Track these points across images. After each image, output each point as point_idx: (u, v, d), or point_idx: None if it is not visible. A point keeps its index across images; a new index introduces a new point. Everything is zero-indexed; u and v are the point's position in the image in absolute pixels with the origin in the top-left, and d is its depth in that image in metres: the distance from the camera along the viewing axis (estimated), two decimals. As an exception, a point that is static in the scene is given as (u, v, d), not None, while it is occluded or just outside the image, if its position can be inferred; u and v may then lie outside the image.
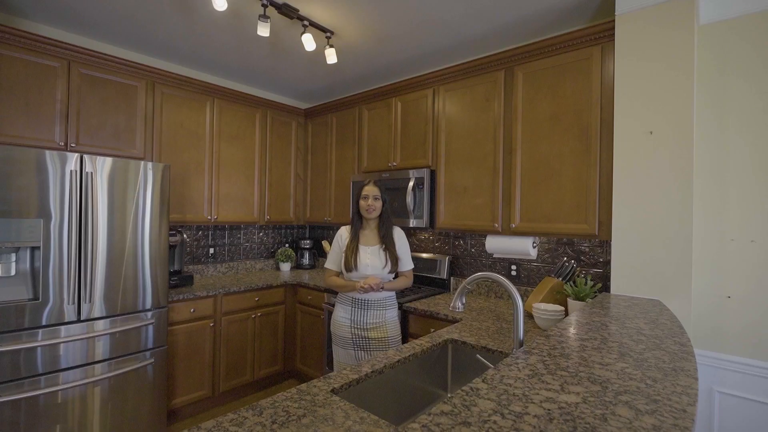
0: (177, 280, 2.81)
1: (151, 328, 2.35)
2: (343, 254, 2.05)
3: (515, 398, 0.78)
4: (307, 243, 3.88)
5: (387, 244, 2.07)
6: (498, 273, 2.70)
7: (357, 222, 2.11)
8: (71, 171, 2.05)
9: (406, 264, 2.14)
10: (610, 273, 2.24)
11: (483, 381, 0.86)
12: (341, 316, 2.06)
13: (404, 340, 2.33)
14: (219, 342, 2.82)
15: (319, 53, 2.79)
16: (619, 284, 1.92)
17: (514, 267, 2.64)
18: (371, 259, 2.03)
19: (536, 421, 0.69)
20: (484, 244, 2.80)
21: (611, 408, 0.74)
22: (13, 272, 1.93)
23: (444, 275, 2.88)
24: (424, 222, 2.69)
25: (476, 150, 2.52)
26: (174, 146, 2.87)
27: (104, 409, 2.17)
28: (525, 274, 2.60)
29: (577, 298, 2.00)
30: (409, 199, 2.72)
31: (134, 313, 2.28)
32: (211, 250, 3.39)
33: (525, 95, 2.32)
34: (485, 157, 2.48)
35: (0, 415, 1.85)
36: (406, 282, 2.14)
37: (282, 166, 3.61)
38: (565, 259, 2.36)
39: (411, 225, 2.75)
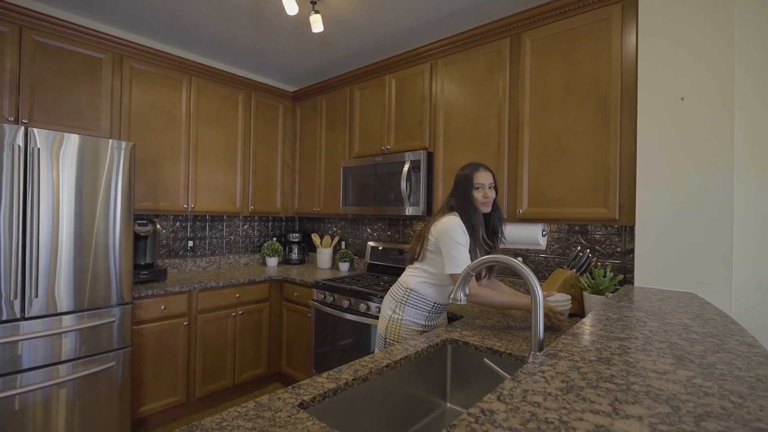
0: (148, 274, 2.54)
1: (113, 326, 2.09)
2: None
3: (550, 428, 0.52)
4: (296, 236, 3.61)
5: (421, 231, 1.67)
6: (501, 268, 2.44)
7: (475, 218, 1.59)
8: (13, 145, 1.78)
9: (444, 262, 1.58)
10: (629, 264, 1.98)
11: (499, 399, 0.60)
12: (416, 322, 1.66)
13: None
14: (194, 342, 2.55)
15: (304, 23, 2.53)
16: (644, 275, 1.66)
17: (520, 259, 2.38)
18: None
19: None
20: (486, 235, 2.54)
21: (699, 444, 0.48)
22: (-59, 262, 1.66)
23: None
24: (420, 210, 2.43)
25: (478, 128, 2.26)
26: (145, 127, 2.60)
27: (68, 419, 1.90)
28: (533, 267, 2.34)
29: (596, 291, 1.74)
30: (404, 185, 2.45)
31: (89, 311, 2.01)
32: (190, 243, 3.12)
33: (533, 65, 2.06)
34: (488, 135, 2.22)
35: (-75, 429, 1.58)
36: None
37: (268, 153, 3.34)
38: (579, 248, 2.10)
39: (407, 213, 2.48)
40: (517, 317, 1.86)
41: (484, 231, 1.64)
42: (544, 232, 2.14)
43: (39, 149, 1.85)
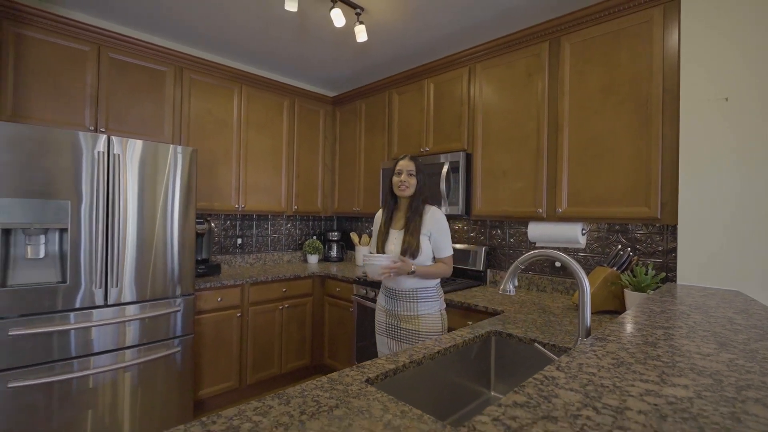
0: (204, 268, 2.75)
1: (178, 315, 2.30)
2: (376, 239, 1.91)
3: (606, 390, 0.61)
4: (335, 235, 3.78)
5: (410, 224, 1.79)
6: (541, 264, 2.50)
7: (390, 202, 1.89)
8: (98, 152, 2.01)
9: (443, 250, 1.82)
10: (671, 263, 2.00)
11: (558, 369, 0.69)
12: (379, 302, 1.92)
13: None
14: (246, 332, 2.74)
15: (348, 33, 2.68)
16: (687, 273, 1.69)
17: (566, 266, 2.42)
18: (394, 244, 1.81)
19: (644, 419, 0.52)
20: (523, 235, 2.60)
21: (740, 406, 0.56)
22: (42, 254, 1.90)
23: (480, 267, 2.70)
24: (459, 209, 2.52)
25: (517, 130, 2.33)
26: (202, 134, 2.82)
27: (133, 395, 2.12)
28: (572, 272, 2.37)
29: (637, 289, 1.78)
30: (443, 185, 2.55)
31: (162, 300, 2.23)
32: (239, 241, 3.34)
33: (573, 67, 2.11)
34: (527, 137, 2.28)
35: (29, 398, 1.82)
36: (442, 269, 1.81)
37: (310, 156, 3.52)
38: (620, 247, 2.13)
39: (446, 213, 2.57)
40: (557, 313, 1.92)
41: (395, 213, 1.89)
42: (583, 231, 2.18)
43: (118, 155, 2.08)
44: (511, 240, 2.68)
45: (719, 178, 1.61)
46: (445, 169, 2.55)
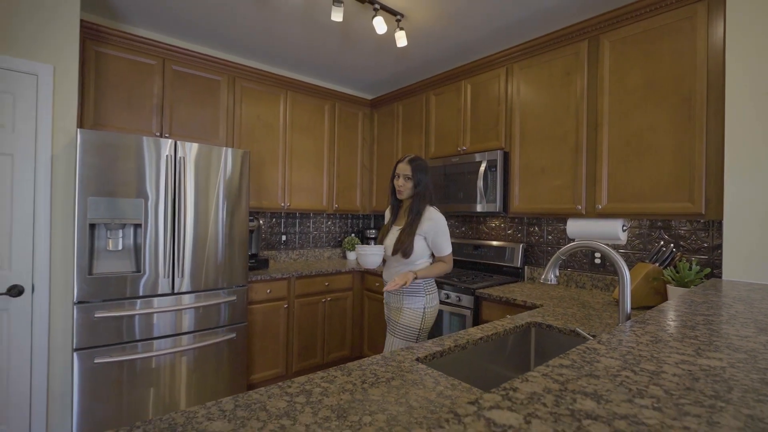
0: (255, 262, 2.96)
1: (233, 304, 2.50)
2: (381, 233, 2.02)
3: (644, 359, 0.69)
4: (372, 232, 3.91)
5: (406, 227, 1.85)
6: (580, 261, 2.51)
7: (393, 201, 1.98)
8: (166, 156, 2.24)
9: (442, 249, 1.87)
10: (716, 260, 1.98)
11: (599, 343, 0.77)
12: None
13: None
14: (292, 323, 2.92)
15: (387, 39, 2.80)
16: (733, 269, 1.68)
17: (598, 254, 2.44)
18: (390, 240, 1.91)
19: (678, 379, 0.60)
20: (561, 231, 2.62)
21: (770, 374, 0.62)
22: (120, 247, 2.15)
23: (518, 264, 2.74)
24: (496, 206, 2.58)
25: (555, 128, 2.37)
26: (251, 137, 3.03)
27: (190, 377, 2.33)
28: (611, 262, 2.38)
29: (680, 284, 1.78)
30: (480, 183, 2.62)
31: (218, 290, 2.44)
32: (283, 237, 3.54)
33: (612, 65, 2.12)
34: (565, 135, 2.31)
35: (108, 374, 2.06)
36: (442, 267, 1.88)
37: (349, 156, 3.68)
38: (662, 243, 2.12)
39: (483, 210, 2.64)
40: (596, 307, 1.95)
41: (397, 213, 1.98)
42: (624, 227, 2.19)
43: (182, 158, 2.30)
44: (549, 237, 2.70)
45: (766, 174, 1.60)
46: (482, 167, 2.62)
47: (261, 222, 3.14)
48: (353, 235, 4.02)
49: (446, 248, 1.88)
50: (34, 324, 2.00)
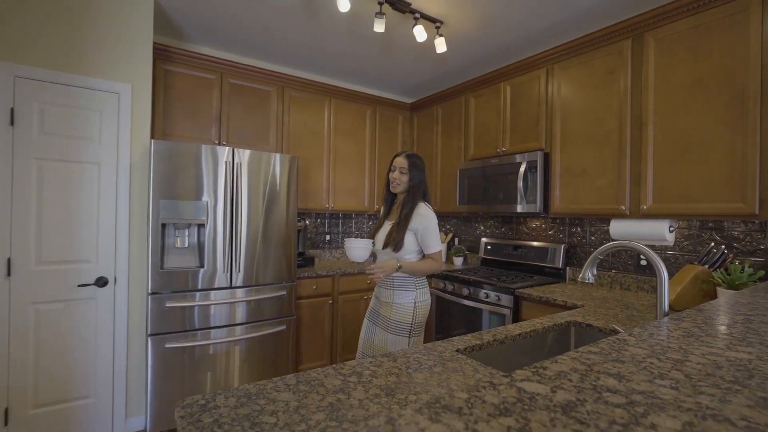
0: (302, 260, 3.15)
1: (282, 299, 2.69)
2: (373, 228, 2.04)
3: (671, 350, 0.74)
4: (412, 233, 4.00)
5: (398, 221, 1.84)
6: (625, 262, 2.48)
7: (387, 196, 1.98)
8: (225, 162, 2.46)
9: (429, 246, 1.84)
10: (775, 262, 1.89)
11: (630, 335, 0.83)
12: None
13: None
14: (336, 318, 3.08)
15: (427, 45, 2.89)
16: (790, 272, 1.62)
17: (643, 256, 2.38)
18: (381, 234, 1.91)
19: (701, 367, 0.65)
20: (605, 232, 2.59)
21: (797, 366, 0.66)
22: (186, 244, 2.39)
23: (559, 264, 2.73)
24: (537, 207, 2.59)
25: (597, 128, 2.35)
26: (298, 142, 3.23)
27: (242, 365, 2.53)
28: (649, 261, 2.32)
29: (731, 287, 1.74)
30: (520, 183, 2.64)
31: (270, 285, 2.64)
32: (327, 237, 3.72)
33: (658, 63, 2.09)
34: (608, 135, 2.29)
35: (172, 357, 2.30)
36: (430, 265, 1.84)
37: (389, 159, 3.79)
38: (713, 244, 2.06)
39: (522, 210, 2.66)
40: (640, 309, 1.94)
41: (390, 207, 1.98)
42: (671, 228, 2.14)
43: (240, 163, 2.51)
44: (592, 238, 2.67)
45: (828, 172, 1.53)
46: (522, 168, 2.64)
47: (307, 222, 3.33)
48: (393, 235, 4.13)
49: (434, 246, 1.84)
50: (116, 311, 2.28)
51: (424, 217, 1.82)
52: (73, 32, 2.15)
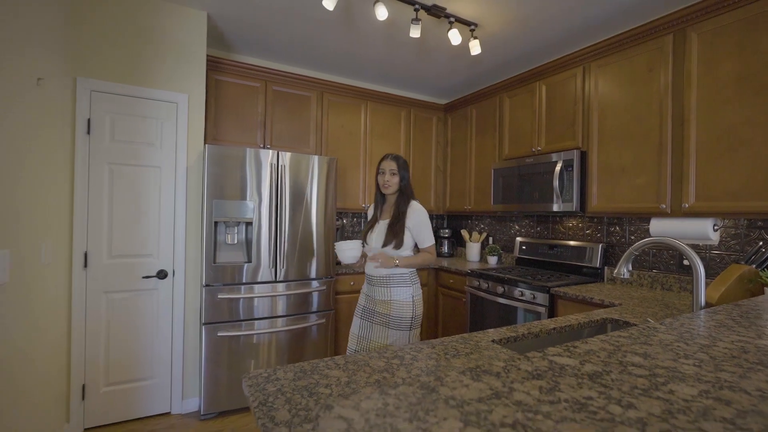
0: (339, 258, 3.28)
1: (322, 293, 2.83)
2: (365, 229, 2.11)
3: (700, 337, 0.78)
4: (446, 232, 4.06)
5: (395, 219, 1.95)
6: (666, 262, 2.43)
7: (378, 197, 2.08)
8: (271, 164, 2.63)
9: (424, 241, 1.98)
10: (830, 262, 1.81)
11: (661, 324, 0.87)
12: (363, 287, 2.09)
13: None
14: (372, 314, 3.19)
15: (462, 47, 2.94)
16: None
17: (677, 250, 2.33)
18: (376, 234, 1.99)
19: (727, 351, 0.69)
20: (645, 232, 2.54)
21: (827, 354, 0.69)
22: (236, 241, 2.58)
23: (597, 264, 2.71)
24: (573, 206, 2.58)
25: (636, 126, 2.32)
26: (337, 144, 3.37)
27: (283, 355, 2.69)
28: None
29: (779, 286, 1.69)
30: (556, 182, 2.64)
31: (311, 280, 2.78)
32: (363, 236, 3.84)
33: (701, 58, 2.05)
34: (647, 132, 2.26)
35: (222, 344, 2.49)
36: (426, 257, 1.98)
37: (423, 159, 3.87)
38: (761, 243, 1.99)
39: (559, 209, 2.66)
40: (681, 309, 1.91)
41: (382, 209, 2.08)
42: (715, 227, 2.09)
43: (284, 165, 2.68)
44: (632, 237, 2.63)
45: None
46: (558, 167, 2.64)
47: (344, 221, 3.47)
48: (427, 234, 4.20)
49: (428, 240, 1.98)
50: (174, 301, 2.50)
51: (419, 214, 1.96)
52: (138, 49, 2.39)
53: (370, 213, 2.16)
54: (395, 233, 1.92)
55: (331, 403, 0.47)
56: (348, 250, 1.90)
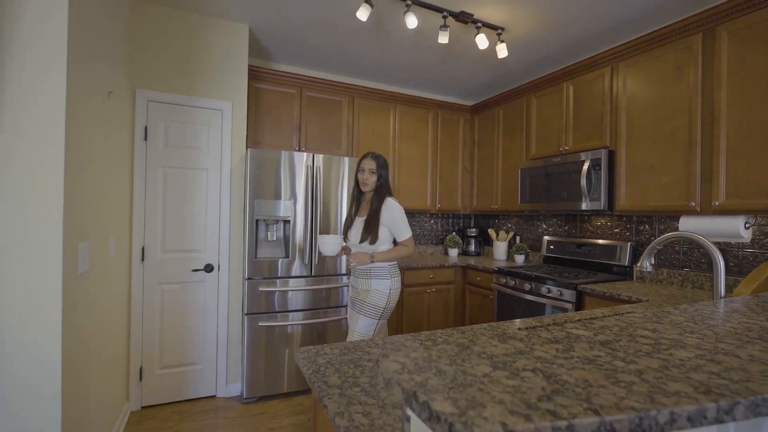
0: (369, 255, 3.42)
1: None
2: (343, 224, 2.25)
3: (710, 319, 0.86)
4: (473, 231, 4.13)
5: (370, 217, 2.07)
6: (698, 260, 2.43)
7: (357, 195, 2.20)
8: (306, 166, 2.80)
9: (401, 234, 2.09)
10: None
11: (675, 309, 0.95)
12: (350, 279, 2.23)
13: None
14: (401, 309, 3.31)
15: (489, 50, 3.02)
16: None
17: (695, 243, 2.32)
18: (354, 231, 2.13)
19: (732, 329, 0.77)
20: (674, 230, 2.54)
21: (828, 333, 0.75)
22: (275, 238, 2.77)
23: (626, 262, 2.72)
24: (601, 204, 2.61)
25: (665, 124, 2.34)
26: (367, 146, 3.52)
27: (320, 343, 2.84)
28: (734, 263, 2.26)
29: (812, 283, 1.69)
30: (584, 182, 2.68)
31: (342, 275, 2.93)
32: (392, 234, 3.97)
33: (731, 56, 2.05)
34: (676, 130, 2.28)
35: (261, 333, 2.67)
36: (402, 250, 2.09)
37: (450, 160, 3.96)
38: (795, 241, 1.98)
39: (586, 208, 2.70)
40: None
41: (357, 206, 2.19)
42: (747, 225, 2.09)
43: (318, 167, 2.84)
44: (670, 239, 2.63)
45: None
46: (585, 166, 2.68)
47: (374, 220, 3.60)
48: (454, 233, 4.28)
49: (404, 233, 2.09)
50: (219, 293, 2.71)
51: (393, 210, 2.08)
52: (188, 61, 2.61)
53: (348, 208, 2.29)
54: (370, 229, 2.05)
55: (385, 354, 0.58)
56: (329, 244, 2.05)
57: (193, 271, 2.64)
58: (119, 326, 2.28)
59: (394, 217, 2.08)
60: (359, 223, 2.12)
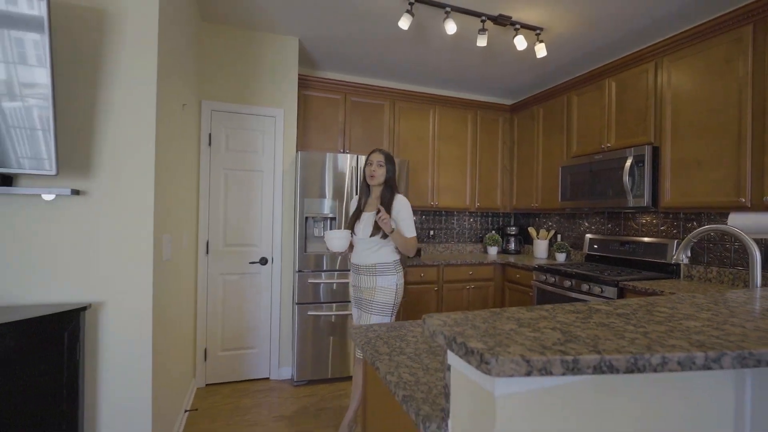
0: (409, 251, 3.56)
1: (395, 283, 3.12)
2: (350, 219, 2.21)
3: (732, 303, 0.92)
4: (512, 230, 4.15)
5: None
6: (748, 258, 2.35)
7: (365, 189, 2.18)
8: (351, 167, 2.99)
9: (406, 231, 2.05)
10: None
11: (703, 295, 1.01)
12: (350, 279, 2.21)
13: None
14: (440, 304, 3.42)
15: (527, 50, 3.07)
16: None
17: (730, 235, 2.25)
18: (364, 224, 2.08)
19: (750, 309, 0.84)
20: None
21: None
22: (322, 233, 2.97)
23: (672, 261, 2.67)
24: (644, 201, 2.59)
25: (713, 118, 2.29)
26: (407, 147, 3.66)
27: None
28: (743, 243, 2.18)
29: None
30: (627, 178, 2.66)
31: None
32: (431, 232, 4.09)
33: (785, 47, 1.99)
34: (725, 124, 2.23)
35: (309, 322, 2.88)
36: (405, 241, 2.04)
37: (489, 159, 4.01)
38: None
39: (628, 205, 2.68)
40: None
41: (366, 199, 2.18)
42: (803, 221, 2.01)
43: (361, 168, 3.02)
44: (712, 233, 2.56)
45: None
46: (628, 163, 2.66)
47: (414, 218, 3.74)
48: (493, 231, 4.32)
49: (409, 231, 2.06)
50: (272, 284, 2.96)
51: (403, 205, 2.08)
52: (244, 73, 2.89)
53: (353, 205, 2.27)
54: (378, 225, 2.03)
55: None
56: (336, 239, 2.02)
57: (250, 263, 2.90)
58: (188, 311, 2.57)
59: (404, 213, 2.07)
60: (369, 217, 2.10)
